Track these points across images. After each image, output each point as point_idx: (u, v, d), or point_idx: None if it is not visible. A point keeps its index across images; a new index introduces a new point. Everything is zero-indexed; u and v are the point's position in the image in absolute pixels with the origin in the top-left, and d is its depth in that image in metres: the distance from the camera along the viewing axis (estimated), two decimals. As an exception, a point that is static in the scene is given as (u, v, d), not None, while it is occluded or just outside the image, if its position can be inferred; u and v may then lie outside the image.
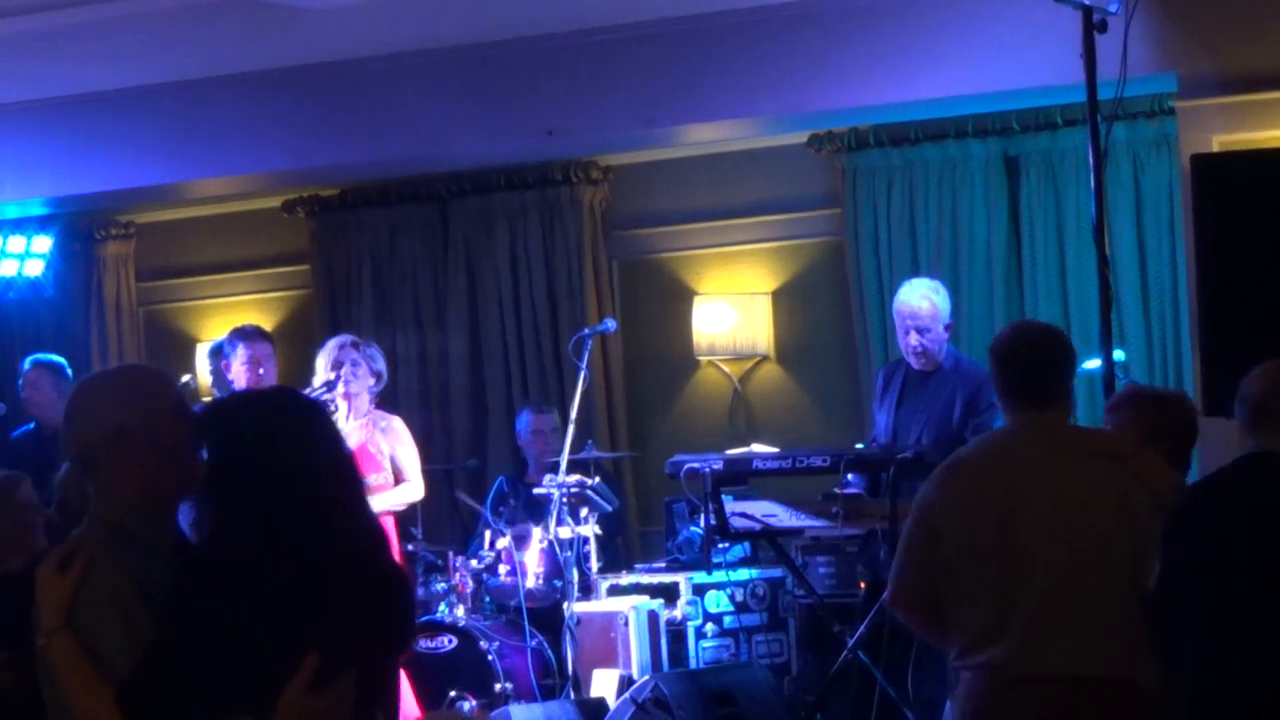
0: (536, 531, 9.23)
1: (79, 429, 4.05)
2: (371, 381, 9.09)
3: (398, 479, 9.07)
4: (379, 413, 9.14)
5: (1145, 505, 5.10)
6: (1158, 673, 5.05)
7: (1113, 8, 7.54)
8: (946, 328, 8.64)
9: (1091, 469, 5.16)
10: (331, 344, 9.16)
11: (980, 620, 5.13)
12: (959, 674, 5.23)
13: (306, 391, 8.77)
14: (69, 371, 10.46)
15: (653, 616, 8.97)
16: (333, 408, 8.83)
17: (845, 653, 8.03)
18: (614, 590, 9.21)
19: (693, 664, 8.92)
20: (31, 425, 10.30)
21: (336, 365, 8.99)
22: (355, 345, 9.12)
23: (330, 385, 8.91)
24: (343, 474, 4.00)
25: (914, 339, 8.65)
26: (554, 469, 9.31)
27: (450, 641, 9.08)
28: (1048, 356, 5.33)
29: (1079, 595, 5.06)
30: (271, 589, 3.77)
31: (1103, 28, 7.43)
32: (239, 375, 9.41)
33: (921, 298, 8.65)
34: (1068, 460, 5.18)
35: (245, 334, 9.58)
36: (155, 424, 3.99)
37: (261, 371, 9.41)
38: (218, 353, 9.92)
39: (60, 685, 3.86)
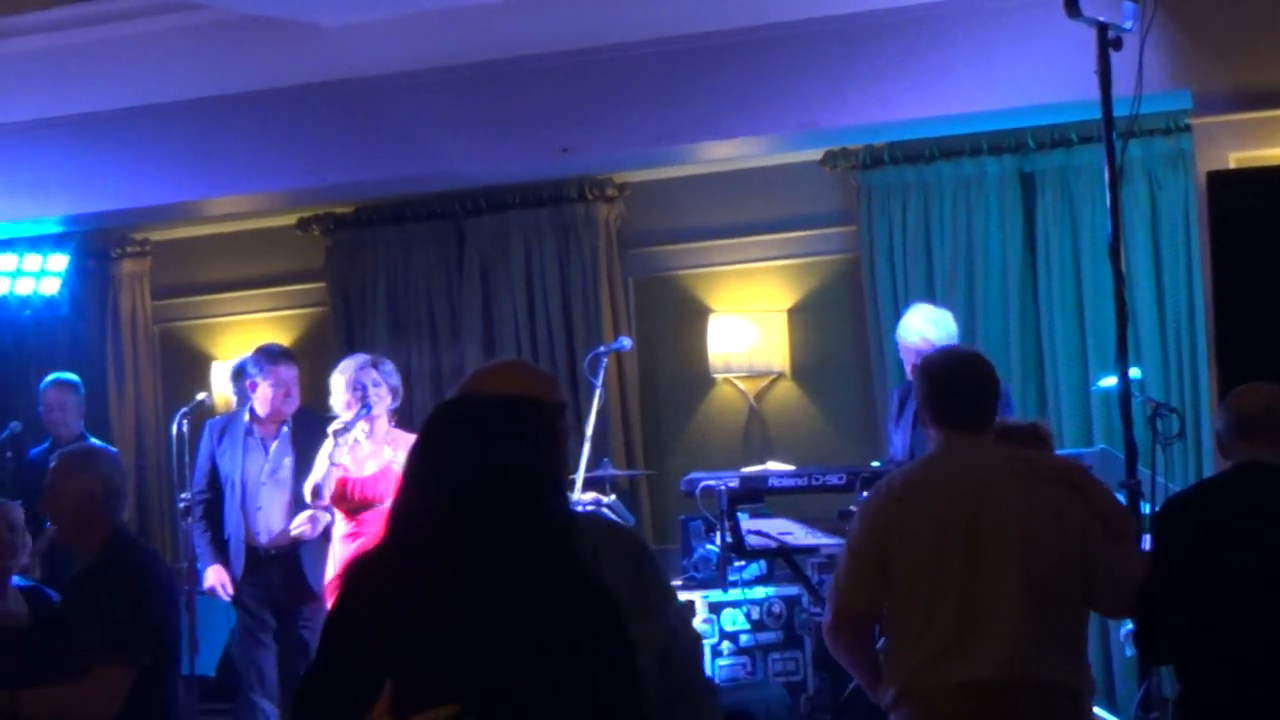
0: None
1: None
2: (389, 400, 8.82)
3: None
4: (399, 432, 8.79)
5: (1097, 531, 5.31)
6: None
7: (1128, 25, 7.53)
8: None
9: (1049, 492, 5.31)
10: (348, 364, 8.89)
11: (939, 638, 5.23)
12: (901, 700, 5.28)
13: (339, 423, 8.70)
14: (82, 388, 10.47)
15: (669, 635, 8.94)
16: (359, 432, 8.75)
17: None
18: (630, 608, 9.18)
19: (709, 682, 8.90)
20: (48, 443, 10.29)
21: (357, 386, 8.78)
22: (374, 365, 8.91)
23: (367, 408, 8.69)
24: None
25: (910, 371, 8.64)
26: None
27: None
28: (986, 382, 5.48)
29: (1046, 609, 5.21)
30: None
31: (1117, 45, 7.41)
32: (265, 399, 9.32)
33: (914, 332, 8.61)
34: (1025, 481, 5.31)
35: (273, 356, 9.38)
36: None
37: (288, 396, 9.34)
38: (240, 374, 9.77)
39: None
